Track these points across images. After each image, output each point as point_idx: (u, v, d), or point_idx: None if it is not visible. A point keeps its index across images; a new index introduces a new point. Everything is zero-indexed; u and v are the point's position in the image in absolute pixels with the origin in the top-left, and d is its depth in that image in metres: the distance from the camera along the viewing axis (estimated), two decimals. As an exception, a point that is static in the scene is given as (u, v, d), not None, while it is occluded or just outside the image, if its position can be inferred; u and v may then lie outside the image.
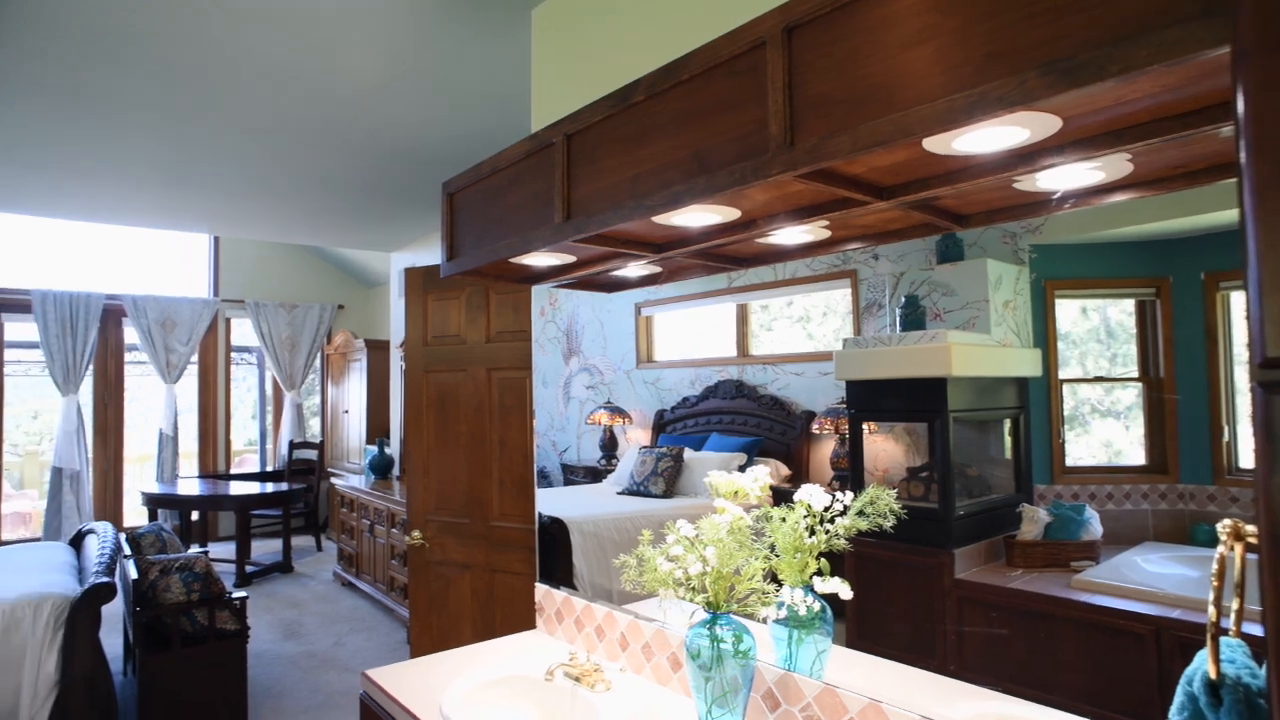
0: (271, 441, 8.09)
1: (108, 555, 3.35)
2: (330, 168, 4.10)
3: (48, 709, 2.77)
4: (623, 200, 1.37)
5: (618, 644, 1.83)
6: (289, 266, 8.00)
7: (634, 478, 2.00)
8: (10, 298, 6.60)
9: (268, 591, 5.82)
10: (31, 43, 2.57)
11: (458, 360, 2.77)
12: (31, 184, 4.33)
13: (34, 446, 7.52)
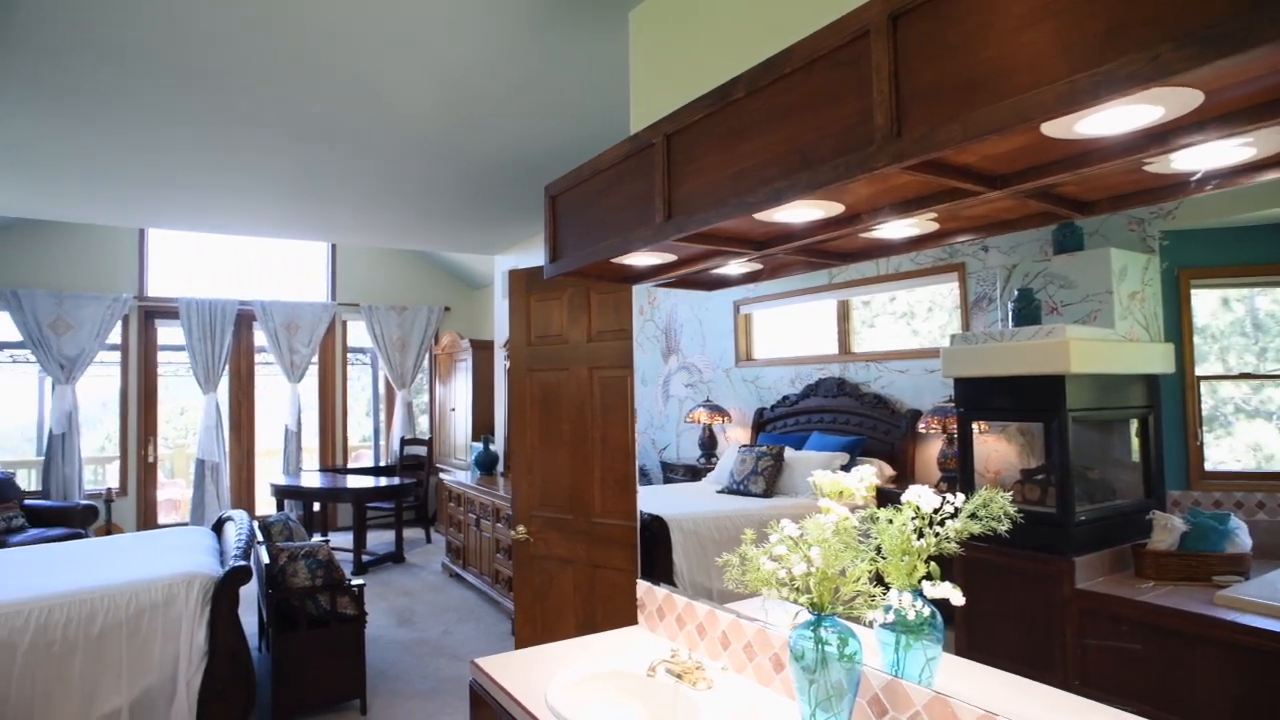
0: (384, 438, 8.52)
1: (244, 541, 3.63)
2: (437, 176, 4.28)
3: (200, 675, 3.04)
4: (724, 198, 1.37)
5: (719, 643, 1.83)
6: (399, 271, 8.41)
7: (734, 476, 1.99)
8: (162, 306, 7.25)
9: (382, 580, 6.14)
10: (183, 77, 2.81)
11: (560, 360, 2.84)
12: (179, 202, 4.74)
13: (181, 440, 8.22)
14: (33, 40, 2.54)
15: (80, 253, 6.97)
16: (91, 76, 2.85)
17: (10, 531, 5.43)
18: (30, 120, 3.31)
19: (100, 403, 7.24)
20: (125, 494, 7.11)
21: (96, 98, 3.06)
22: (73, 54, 2.66)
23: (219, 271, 7.64)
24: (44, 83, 2.90)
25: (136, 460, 7.18)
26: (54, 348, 6.66)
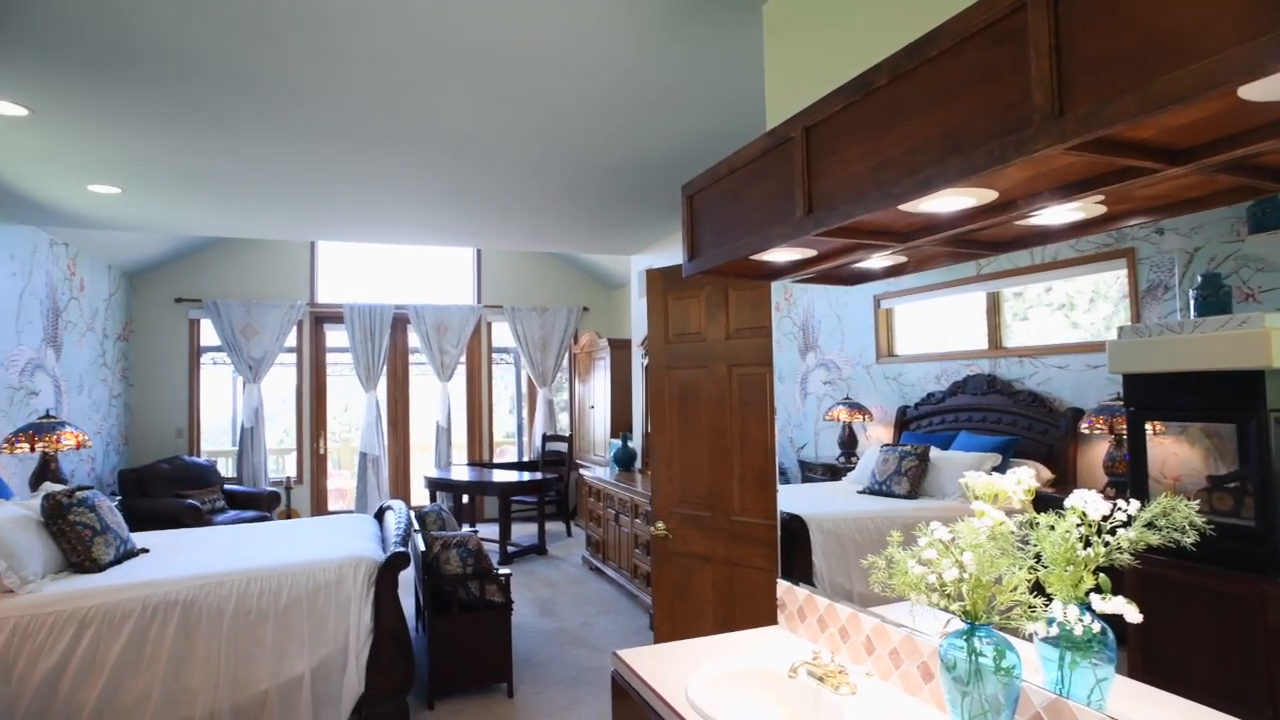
0: (527, 434, 8.89)
1: (403, 529, 3.91)
2: (575, 181, 4.41)
3: (367, 649, 3.32)
4: (867, 190, 1.33)
5: (862, 647, 1.78)
6: (540, 273, 8.74)
7: (875, 476, 1.93)
8: (329, 311, 7.95)
9: (526, 571, 6.41)
10: (346, 105, 3.07)
11: (698, 357, 2.85)
12: (343, 216, 5.17)
13: (347, 435, 8.95)
14: (228, 84, 2.86)
15: (262, 266, 7.77)
16: (273, 112, 3.16)
17: (214, 512, 6.14)
18: (227, 154, 3.72)
19: (279, 400, 8.01)
20: (301, 482, 7.85)
21: (276, 129, 3.39)
22: (258, 93, 2.96)
23: (378, 278, 8.28)
24: (236, 121, 3.26)
25: (310, 452, 7.91)
26: (244, 351, 7.46)
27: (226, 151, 3.77)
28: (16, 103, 3.10)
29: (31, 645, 2.91)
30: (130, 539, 3.71)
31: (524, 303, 8.57)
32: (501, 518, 6.66)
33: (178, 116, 3.28)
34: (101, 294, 6.57)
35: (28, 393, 5.14)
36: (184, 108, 3.18)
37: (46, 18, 2.39)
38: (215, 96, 3.06)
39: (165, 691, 3.06)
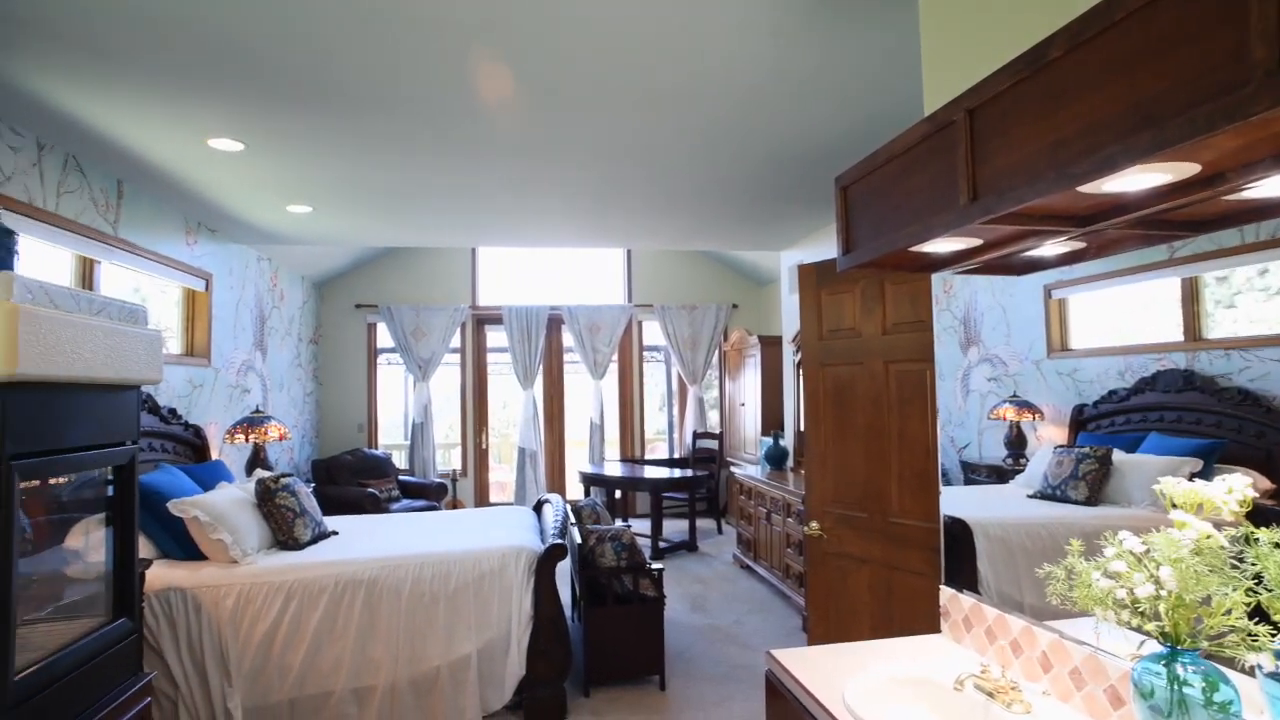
0: (677, 431, 8.98)
1: (560, 522, 4.07)
2: (723, 178, 4.41)
3: (527, 635, 3.50)
4: (1041, 172, 1.24)
5: (1037, 664, 1.66)
6: (689, 271, 8.80)
7: (1048, 480, 1.78)
8: (490, 313, 8.43)
9: (677, 567, 6.48)
10: (503, 116, 3.25)
11: (853, 354, 2.77)
12: (500, 222, 5.46)
13: (506, 431, 9.44)
14: (404, 110, 3.11)
15: (430, 272, 8.35)
16: (441, 130, 3.40)
17: (390, 500, 6.69)
18: (401, 171, 4.05)
19: (445, 397, 8.59)
20: (465, 475, 8.37)
21: (443, 146, 3.65)
22: (429, 115, 3.20)
23: (534, 281, 8.68)
24: (409, 142, 3.54)
25: (473, 447, 8.42)
26: (414, 352, 8.06)
27: (400, 169, 4.10)
28: (235, 139, 3.54)
29: (251, 609, 3.31)
30: (323, 522, 4.12)
31: (673, 301, 8.66)
32: (653, 513, 6.77)
33: (360, 141, 3.61)
34: (297, 302, 7.34)
35: (242, 390, 5.84)
36: (366, 133, 3.49)
37: (261, 66, 2.70)
38: (392, 121, 3.33)
39: (354, 660, 3.37)
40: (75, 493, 2.47)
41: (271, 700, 3.29)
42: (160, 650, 3.21)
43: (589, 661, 3.84)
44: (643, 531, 6.77)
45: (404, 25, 2.48)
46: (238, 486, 3.96)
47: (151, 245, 4.48)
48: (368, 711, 3.37)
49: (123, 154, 3.74)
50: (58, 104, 3.11)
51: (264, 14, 2.39)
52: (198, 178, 4.16)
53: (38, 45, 2.59)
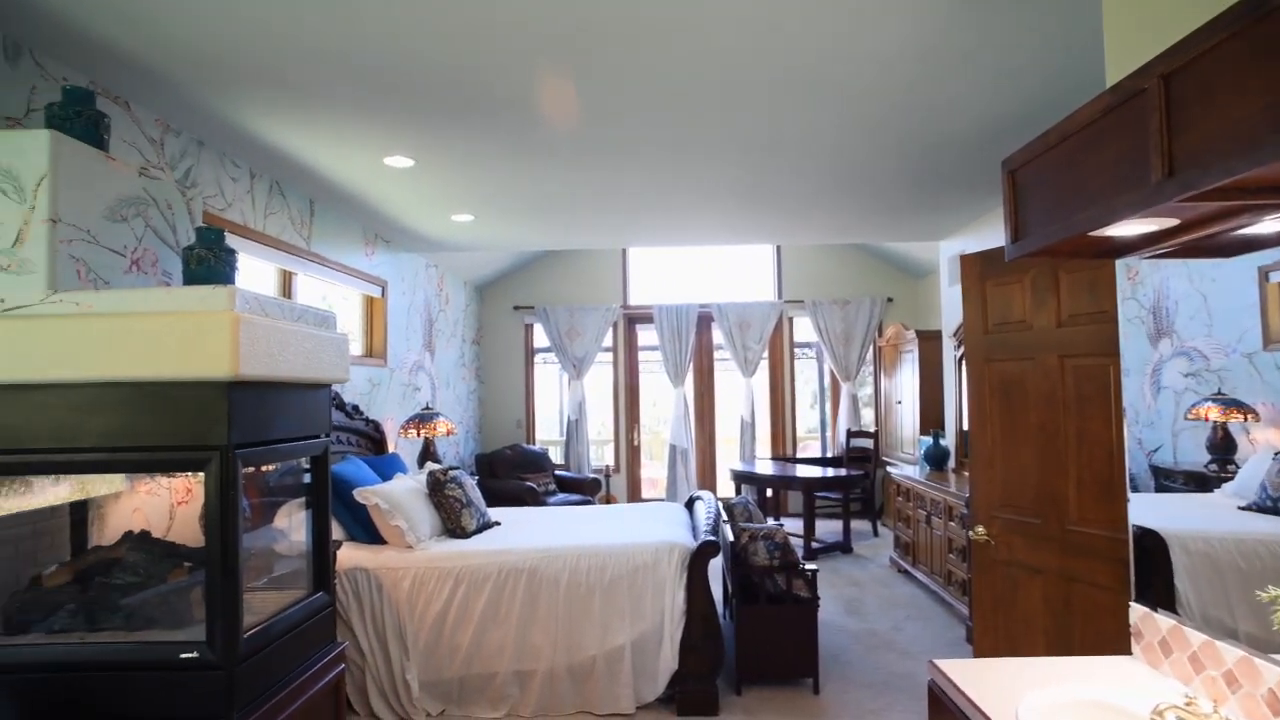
0: (830, 429, 8.74)
1: (712, 519, 4.09)
2: (875, 168, 4.24)
3: (680, 629, 3.54)
4: (1260, 139, 1.09)
5: (1263, 702, 1.47)
6: (840, 265, 8.54)
7: (1267, 490, 1.57)
8: (640, 312, 8.60)
9: (830, 568, 6.31)
10: (653, 120, 3.30)
11: (1023, 348, 2.58)
12: (649, 223, 5.55)
13: (656, 428, 9.59)
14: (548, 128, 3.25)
15: (582, 274, 8.64)
16: (593, 134, 3.51)
17: (547, 494, 7.00)
18: (555, 177, 4.23)
19: (598, 395, 8.85)
20: (618, 471, 8.59)
21: (596, 150, 3.76)
22: (580, 121, 3.31)
23: (683, 280, 8.75)
24: (563, 148, 3.68)
25: (625, 443, 8.62)
26: (569, 351, 8.37)
27: (553, 175, 4.27)
28: (407, 156, 3.84)
29: (425, 592, 3.58)
30: (487, 513, 4.37)
31: (825, 296, 8.44)
32: (805, 513, 6.63)
33: (517, 151, 3.80)
34: (460, 305, 7.83)
35: (413, 388, 6.32)
36: (522, 143, 3.67)
37: (430, 88, 2.92)
38: (545, 130, 3.48)
39: (516, 644, 3.56)
40: (279, 479, 2.78)
41: (444, 676, 3.55)
42: (349, 623, 3.54)
43: (741, 659, 3.83)
44: (795, 531, 6.65)
45: (547, 40, 2.58)
46: (411, 477, 4.29)
47: (337, 257, 4.95)
48: (528, 694, 3.55)
49: (315, 176, 4.16)
50: (265, 137, 3.51)
51: (433, 42, 2.57)
52: (375, 193, 4.55)
53: (250, 89, 2.94)
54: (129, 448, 2.02)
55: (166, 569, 2.38)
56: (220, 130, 3.42)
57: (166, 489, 2.76)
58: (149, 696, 2.01)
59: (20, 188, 2.04)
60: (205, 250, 2.26)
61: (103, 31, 2.52)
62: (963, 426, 5.78)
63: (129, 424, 2.01)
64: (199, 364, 1.96)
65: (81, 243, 2.15)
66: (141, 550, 2.43)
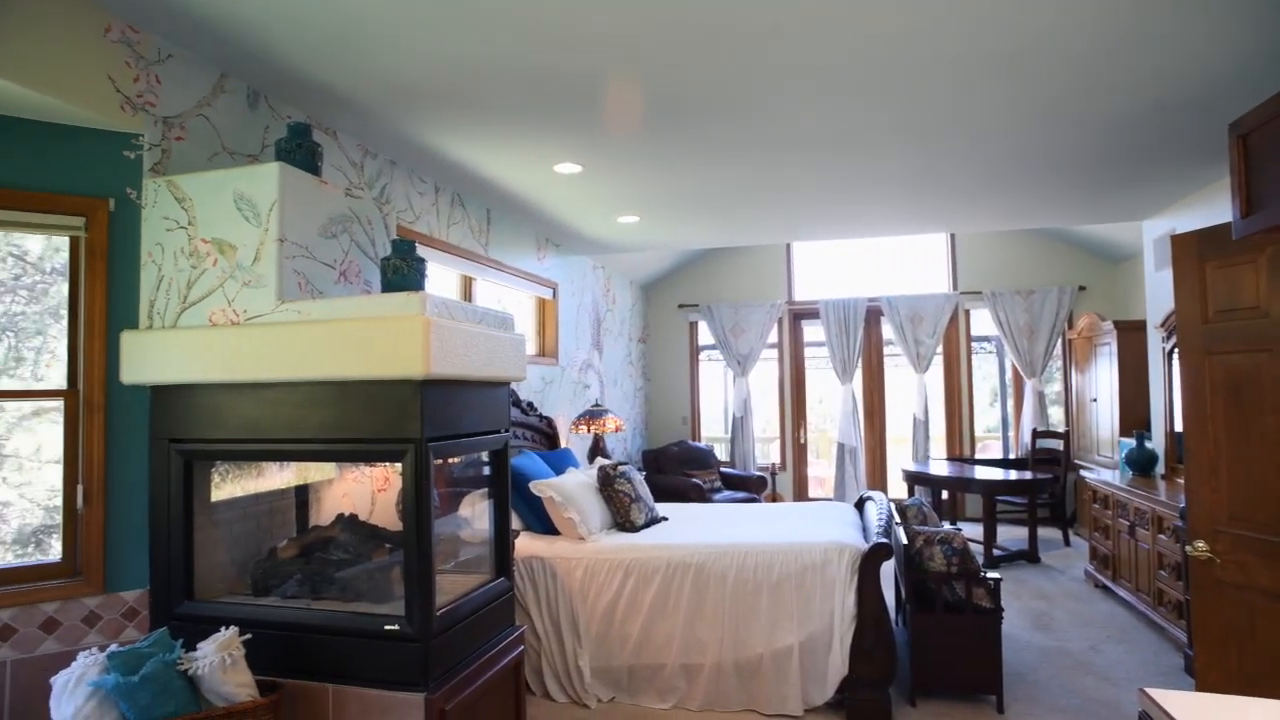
0: (1013, 429, 8.11)
1: (884, 521, 3.93)
2: (1061, 144, 3.87)
3: (850, 633, 3.43)
4: None
5: None
6: (1023, 252, 7.90)
7: None
8: (806, 307, 8.43)
9: (1014, 578, 5.86)
10: (818, 112, 3.22)
11: (1256, 338, 2.25)
12: (814, 216, 5.42)
13: (823, 426, 9.36)
14: (722, 119, 3.25)
15: (746, 271, 8.59)
16: (757, 132, 3.49)
17: (713, 491, 7.03)
18: (717, 176, 4.24)
19: (762, 392, 8.76)
20: (784, 469, 8.46)
21: (759, 147, 3.73)
22: (745, 119, 3.30)
23: (850, 273, 8.47)
24: (727, 147, 3.69)
25: (791, 441, 8.48)
26: (733, 348, 8.36)
27: (717, 173, 4.28)
28: (575, 162, 4.01)
29: (595, 582, 3.72)
30: (654, 508, 4.46)
31: (1005, 286, 7.84)
32: (985, 518, 6.21)
33: (681, 152, 3.85)
34: (626, 305, 8.04)
35: (583, 386, 6.58)
36: (687, 143, 3.71)
37: (597, 96, 3.03)
38: (710, 128, 3.50)
39: (684, 638, 3.61)
40: (462, 471, 3.00)
41: (614, 664, 3.66)
42: (526, 608, 3.75)
43: (915, 669, 3.65)
44: (973, 537, 6.23)
45: (709, 35, 2.59)
46: (582, 472, 4.47)
47: (511, 261, 5.25)
48: (695, 687, 3.58)
49: (491, 187, 4.44)
50: (448, 154, 3.80)
51: (601, 52, 2.67)
52: (545, 200, 4.78)
53: (436, 111, 3.19)
54: (341, 439, 2.27)
55: (371, 548, 2.65)
56: (410, 150, 3.74)
57: (369, 477, 3.06)
58: (359, 659, 2.24)
59: (258, 213, 2.34)
60: (400, 260, 2.48)
61: (319, 74, 2.83)
62: (1174, 427, 5.15)
63: (340, 418, 2.26)
64: (396, 364, 2.16)
65: (301, 258, 2.43)
66: (351, 531, 2.72)
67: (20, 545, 3.08)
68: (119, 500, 2.43)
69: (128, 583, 2.43)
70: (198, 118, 2.69)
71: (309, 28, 2.50)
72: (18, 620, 2.25)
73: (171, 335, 2.37)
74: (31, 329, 2.87)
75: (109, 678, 1.96)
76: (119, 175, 2.47)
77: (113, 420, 2.43)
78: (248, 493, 2.77)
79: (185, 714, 2.00)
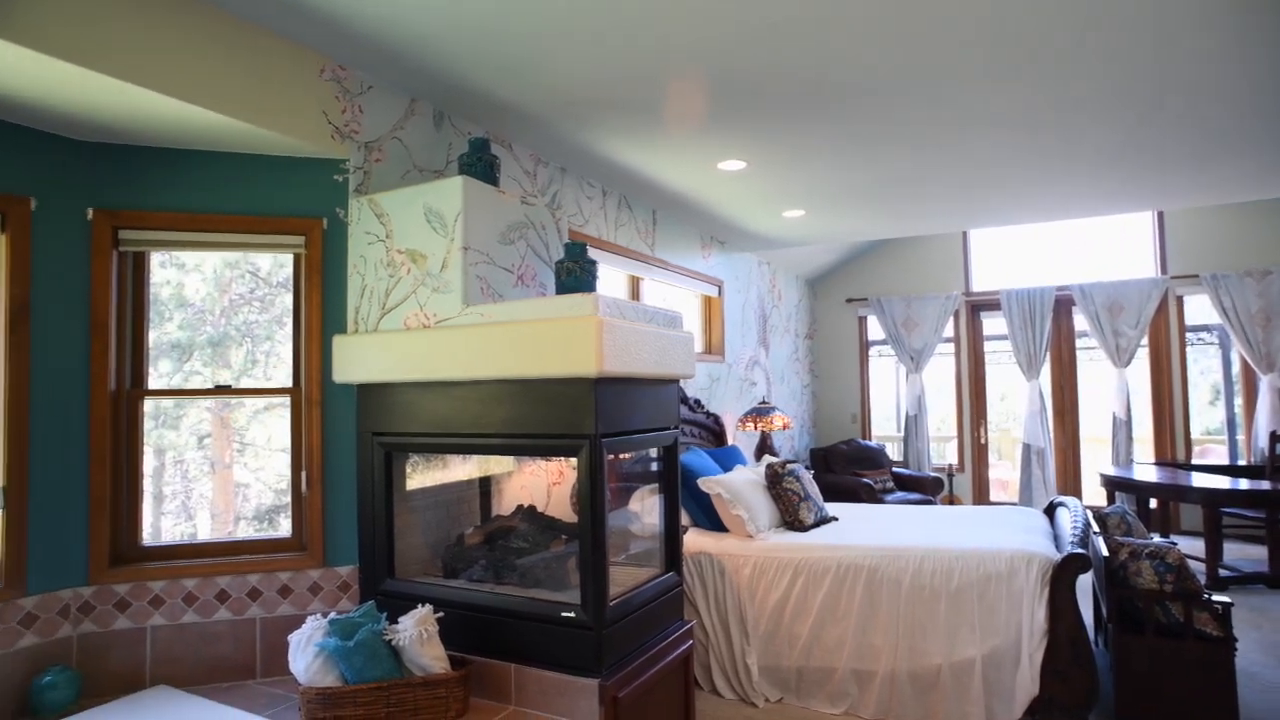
0: (1242, 432, 7.11)
1: (1080, 529, 3.59)
2: (1314, 99, 3.34)
3: (1041, 651, 3.16)
4: None
5: None
6: (1253, 227, 6.89)
7: None
8: (985, 299, 7.87)
9: (1251, 604, 5.13)
10: (998, 86, 3.00)
11: None
12: (994, 201, 5.04)
13: (1005, 424, 8.70)
14: (889, 109, 3.12)
15: (918, 262, 8.15)
16: (929, 117, 3.30)
17: (884, 491, 6.75)
18: (886, 166, 4.06)
19: (936, 388, 8.27)
20: (962, 470, 7.95)
21: (930, 132, 3.53)
22: (915, 107, 3.14)
23: (1035, 260, 7.79)
24: (894, 136, 3.53)
25: (970, 440, 7.94)
26: (905, 343, 7.97)
27: (888, 162, 4.10)
28: (738, 159, 4.00)
29: (764, 580, 3.69)
30: (824, 507, 4.35)
31: (1229, 267, 6.88)
32: (1207, 532, 5.49)
33: (849, 142, 3.73)
34: (792, 301, 7.90)
35: (749, 383, 6.54)
36: (854, 133, 3.59)
37: (763, 91, 3.01)
38: (879, 116, 3.36)
39: (855, 642, 3.49)
40: (631, 467, 3.08)
41: (782, 664, 3.62)
42: (694, 603, 3.79)
43: (1121, 698, 3.30)
44: (1192, 553, 5.53)
45: (876, 23, 2.48)
46: (750, 469, 4.45)
47: (677, 260, 5.32)
48: (867, 695, 3.46)
49: (656, 188, 4.53)
50: (614, 158, 3.92)
51: (763, 48, 2.64)
52: (710, 198, 4.80)
53: (603, 117, 3.31)
54: (521, 434, 2.41)
55: (549, 539, 2.79)
56: (579, 156, 3.90)
57: (544, 471, 3.22)
58: (538, 642, 2.37)
59: (445, 224, 2.54)
60: (572, 263, 2.59)
61: (497, 91, 3.03)
62: None
63: (520, 414, 2.40)
64: (571, 363, 2.26)
65: (483, 264, 2.61)
66: (530, 521, 2.88)
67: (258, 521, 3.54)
68: (334, 486, 2.73)
69: (341, 559, 2.73)
70: (392, 140, 2.96)
71: (489, 51, 2.68)
72: (262, 584, 2.63)
73: (372, 338, 2.63)
74: (262, 335, 3.29)
75: (330, 640, 2.21)
76: (330, 197, 2.77)
77: (328, 415, 2.74)
78: (435, 483, 3.01)
79: (390, 679, 2.22)
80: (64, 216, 2.47)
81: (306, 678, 2.21)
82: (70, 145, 2.49)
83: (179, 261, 3.05)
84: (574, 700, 2.28)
